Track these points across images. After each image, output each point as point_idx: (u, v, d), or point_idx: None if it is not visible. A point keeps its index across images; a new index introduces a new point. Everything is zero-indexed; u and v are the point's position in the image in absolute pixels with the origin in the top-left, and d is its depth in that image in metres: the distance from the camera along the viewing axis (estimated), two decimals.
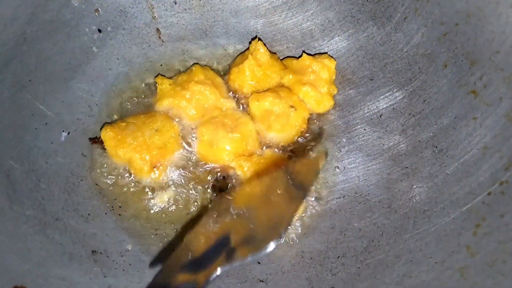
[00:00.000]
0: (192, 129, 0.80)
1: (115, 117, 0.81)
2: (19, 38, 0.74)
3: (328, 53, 0.87)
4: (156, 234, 0.73)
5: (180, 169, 0.77)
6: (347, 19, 0.85)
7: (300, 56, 0.85)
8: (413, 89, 0.77)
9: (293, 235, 0.74)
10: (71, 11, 0.79)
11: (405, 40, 0.79)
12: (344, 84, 0.84)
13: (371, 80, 0.82)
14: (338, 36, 0.86)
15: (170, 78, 0.83)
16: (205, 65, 0.86)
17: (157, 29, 0.88)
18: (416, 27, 0.78)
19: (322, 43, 0.87)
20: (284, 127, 0.79)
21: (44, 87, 0.76)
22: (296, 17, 0.88)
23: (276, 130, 0.79)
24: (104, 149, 0.76)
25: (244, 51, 0.88)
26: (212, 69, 0.85)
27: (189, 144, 0.79)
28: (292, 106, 0.79)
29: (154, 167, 0.75)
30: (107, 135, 0.74)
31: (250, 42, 0.88)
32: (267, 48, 0.84)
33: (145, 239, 0.73)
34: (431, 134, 0.74)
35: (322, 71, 0.82)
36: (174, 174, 0.77)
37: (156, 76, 0.83)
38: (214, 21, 0.89)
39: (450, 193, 0.68)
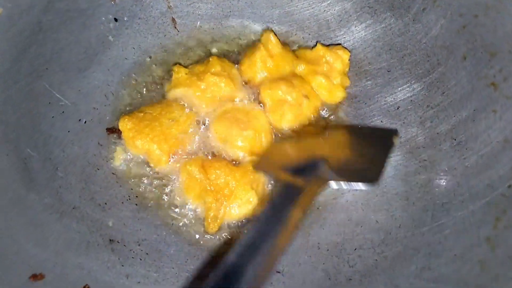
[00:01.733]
0: (205, 120, 0.79)
1: (131, 106, 0.81)
2: (35, 27, 0.73)
3: (345, 44, 0.86)
4: (173, 224, 0.73)
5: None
6: (364, 9, 0.84)
7: (314, 46, 0.84)
8: (431, 81, 0.76)
9: (309, 227, 0.74)
10: (88, 0, 0.79)
11: (423, 32, 0.78)
12: (361, 75, 0.84)
13: (388, 71, 0.81)
14: (355, 26, 0.85)
15: (186, 67, 0.82)
16: (222, 56, 0.86)
17: (173, 19, 0.87)
18: (434, 19, 0.76)
19: (339, 34, 0.86)
20: (297, 117, 0.78)
21: (60, 76, 0.76)
22: (312, 8, 0.87)
23: (288, 120, 0.78)
24: (120, 138, 0.76)
25: (255, 42, 0.87)
26: (228, 59, 0.85)
27: (205, 135, 0.78)
28: (305, 96, 0.78)
29: (171, 157, 0.74)
30: (125, 125, 0.73)
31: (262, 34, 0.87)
32: (279, 39, 0.83)
33: (162, 228, 0.73)
34: (450, 126, 0.73)
35: (336, 61, 0.82)
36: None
37: (174, 65, 0.82)
38: (230, 11, 0.89)
39: (469, 186, 0.67)
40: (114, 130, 0.77)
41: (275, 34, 0.83)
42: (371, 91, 0.82)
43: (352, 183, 0.60)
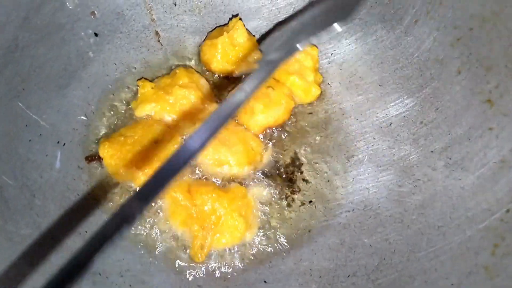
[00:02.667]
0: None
1: (113, 126, 0.77)
2: (11, 44, 0.70)
3: (335, 57, 0.83)
4: (157, 252, 0.70)
5: (184, 177, 0.74)
6: (354, 21, 0.81)
7: None
8: (424, 96, 0.74)
9: (300, 251, 0.71)
10: (66, 15, 0.75)
11: (416, 45, 0.75)
12: (352, 90, 0.81)
13: (380, 86, 0.79)
14: (345, 39, 0.82)
15: (152, 81, 0.79)
16: (189, 67, 0.83)
17: (156, 32, 0.84)
18: (427, 31, 0.74)
19: (329, 46, 0.83)
20: (268, 106, 0.76)
21: (38, 95, 0.73)
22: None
23: (260, 111, 0.75)
24: (101, 166, 0.72)
25: (223, 25, 0.84)
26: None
27: None
28: (269, 86, 0.76)
29: None
30: (105, 151, 0.70)
31: (230, 19, 0.84)
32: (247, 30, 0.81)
33: (146, 257, 0.69)
34: (444, 144, 0.70)
35: (306, 59, 0.79)
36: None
37: (138, 79, 0.79)
38: (216, 24, 0.85)
39: (465, 209, 0.65)
40: (94, 158, 0.73)
41: (243, 24, 0.80)
42: (362, 106, 0.80)
43: (319, 33, 0.60)
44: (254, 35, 0.84)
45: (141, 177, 0.70)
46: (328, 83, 0.82)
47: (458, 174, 0.67)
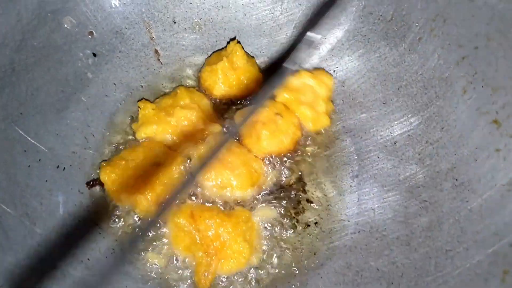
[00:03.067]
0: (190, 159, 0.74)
1: (114, 148, 0.76)
2: (8, 68, 0.68)
3: (337, 74, 0.82)
4: (161, 278, 0.69)
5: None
6: (357, 38, 0.80)
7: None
8: (429, 115, 0.73)
9: (306, 274, 0.70)
10: (63, 35, 0.74)
11: (420, 62, 0.74)
12: (355, 107, 0.80)
13: (384, 104, 0.78)
14: (348, 56, 0.81)
15: (153, 102, 0.78)
16: (191, 86, 0.81)
17: (156, 51, 0.82)
18: (431, 49, 0.73)
19: (331, 63, 0.83)
20: (274, 133, 0.75)
21: (36, 119, 0.71)
22: (302, 36, 0.82)
23: (266, 138, 0.74)
24: (103, 191, 0.71)
25: (221, 49, 0.83)
26: None
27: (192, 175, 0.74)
28: (277, 113, 0.75)
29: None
30: (107, 177, 0.69)
31: (228, 42, 0.82)
32: (246, 52, 0.80)
33: (150, 284, 0.68)
34: (450, 165, 0.69)
35: (321, 88, 0.78)
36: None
37: (139, 100, 0.78)
38: (216, 41, 0.84)
39: (473, 232, 0.64)
40: (95, 183, 0.72)
41: (242, 47, 0.79)
42: (366, 125, 0.79)
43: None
44: (253, 56, 0.83)
45: (143, 202, 0.69)
46: (331, 101, 0.81)
47: (465, 196, 0.66)
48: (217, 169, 0.71)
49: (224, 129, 0.76)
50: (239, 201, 0.73)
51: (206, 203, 0.72)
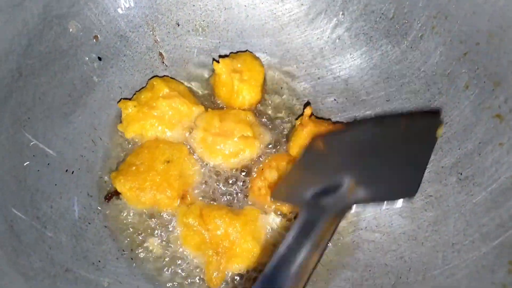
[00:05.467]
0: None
1: (121, 151, 0.77)
2: (15, 73, 0.69)
3: (340, 72, 0.83)
4: (172, 278, 0.70)
5: (203, 185, 0.75)
6: (359, 36, 0.81)
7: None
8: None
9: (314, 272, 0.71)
10: (69, 40, 0.74)
11: (422, 59, 0.75)
12: (359, 105, 0.81)
13: (387, 101, 0.79)
14: (350, 54, 0.82)
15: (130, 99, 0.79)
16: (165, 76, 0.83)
17: (160, 53, 0.83)
18: (433, 46, 0.74)
19: (334, 62, 0.83)
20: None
21: (44, 123, 0.72)
22: (305, 35, 0.84)
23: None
24: (120, 199, 0.72)
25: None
26: None
27: (201, 159, 0.76)
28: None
29: (182, 198, 0.72)
30: (123, 186, 0.70)
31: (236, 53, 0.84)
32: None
33: (161, 284, 0.69)
34: (455, 160, 0.70)
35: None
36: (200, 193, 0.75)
37: (118, 102, 0.78)
38: (220, 42, 0.85)
39: (479, 225, 0.65)
40: (112, 195, 0.73)
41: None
42: None
43: (380, 202, 0.53)
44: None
45: (165, 200, 0.70)
46: (335, 99, 0.82)
47: (470, 189, 0.67)
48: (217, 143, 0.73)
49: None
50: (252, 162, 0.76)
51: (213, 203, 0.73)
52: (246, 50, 0.84)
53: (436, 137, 0.60)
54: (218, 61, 0.78)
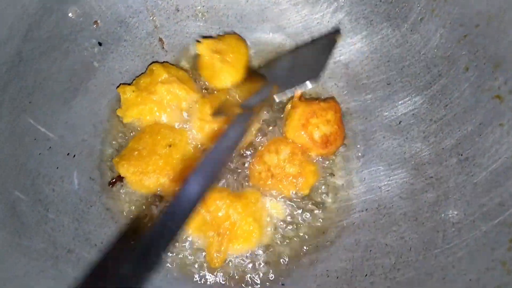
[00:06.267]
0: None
1: (122, 135, 0.77)
2: (15, 59, 0.69)
3: (341, 56, 0.83)
4: (173, 259, 0.70)
5: None
6: (359, 20, 0.81)
7: None
8: (433, 93, 0.74)
9: (316, 252, 0.71)
10: (69, 25, 0.75)
11: (422, 42, 0.75)
12: (360, 89, 0.81)
13: (388, 84, 0.79)
14: (351, 38, 0.82)
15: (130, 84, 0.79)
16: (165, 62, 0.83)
17: (160, 39, 0.83)
18: (433, 28, 0.74)
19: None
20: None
21: (45, 108, 0.72)
22: (305, 20, 0.84)
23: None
24: (123, 183, 0.73)
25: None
26: None
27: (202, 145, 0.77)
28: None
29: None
30: (126, 171, 0.70)
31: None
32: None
33: (163, 264, 0.69)
34: (455, 141, 0.70)
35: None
36: None
37: (117, 87, 0.78)
38: (219, 27, 0.85)
39: (479, 205, 0.65)
40: (115, 181, 0.73)
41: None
42: (371, 105, 0.80)
43: (293, 88, 0.69)
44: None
45: (169, 184, 0.70)
46: (335, 83, 0.82)
47: (471, 170, 0.67)
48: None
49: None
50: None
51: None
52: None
53: (335, 40, 0.76)
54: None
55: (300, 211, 0.74)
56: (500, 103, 0.66)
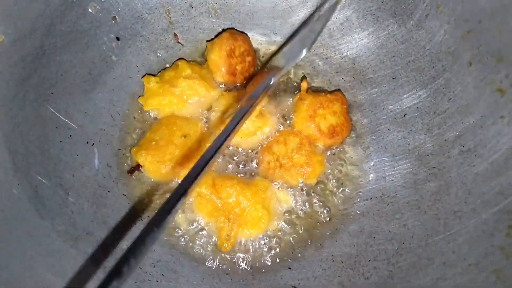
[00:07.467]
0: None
1: (139, 126, 0.81)
2: (38, 51, 0.73)
3: (348, 52, 0.86)
4: (186, 242, 0.73)
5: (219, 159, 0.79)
6: (366, 17, 0.84)
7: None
8: (437, 87, 0.76)
9: (321, 238, 0.74)
10: (89, 20, 0.78)
11: (427, 38, 0.78)
12: (366, 83, 0.84)
13: (393, 79, 0.81)
14: (358, 34, 0.85)
15: (155, 75, 0.83)
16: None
17: (175, 34, 0.87)
18: (438, 24, 0.76)
19: (342, 42, 0.86)
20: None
21: (66, 99, 0.76)
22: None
23: None
24: (141, 171, 0.77)
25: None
26: None
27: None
28: None
29: None
30: (144, 159, 0.74)
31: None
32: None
33: (176, 248, 0.73)
34: (458, 133, 0.73)
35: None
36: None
37: (143, 77, 0.83)
38: (231, 24, 0.88)
39: (480, 193, 0.67)
40: (134, 169, 0.77)
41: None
42: (376, 99, 0.82)
43: (288, 65, 0.69)
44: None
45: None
46: (342, 78, 0.85)
47: (472, 161, 0.70)
48: None
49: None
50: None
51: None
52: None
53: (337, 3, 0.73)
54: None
55: (307, 200, 0.77)
56: (502, 96, 0.68)
